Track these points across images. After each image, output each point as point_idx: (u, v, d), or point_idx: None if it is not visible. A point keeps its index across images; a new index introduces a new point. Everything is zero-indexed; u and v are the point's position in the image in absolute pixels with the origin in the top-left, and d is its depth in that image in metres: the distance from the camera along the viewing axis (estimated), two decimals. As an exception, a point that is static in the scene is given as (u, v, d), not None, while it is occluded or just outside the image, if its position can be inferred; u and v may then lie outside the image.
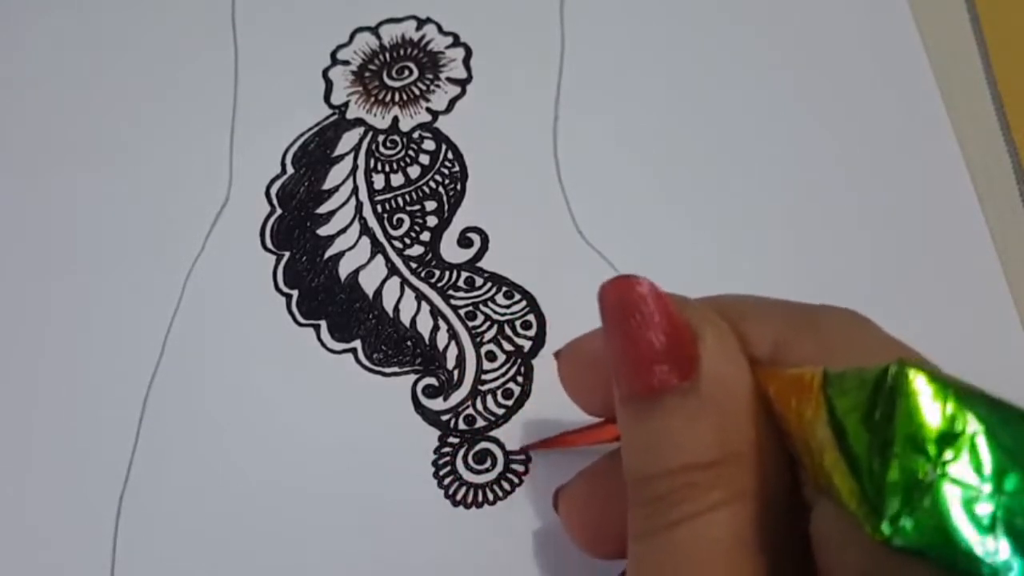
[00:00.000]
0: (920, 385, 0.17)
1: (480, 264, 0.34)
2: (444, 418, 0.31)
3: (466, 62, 0.38)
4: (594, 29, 0.39)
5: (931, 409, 0.16)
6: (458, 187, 0.35)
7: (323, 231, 0.35)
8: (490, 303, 0.33)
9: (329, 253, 0.35)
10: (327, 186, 0.36)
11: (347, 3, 0.39)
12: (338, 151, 0.37)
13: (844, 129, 0.36)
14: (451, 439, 0.31)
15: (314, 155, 0.36)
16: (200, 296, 0.34)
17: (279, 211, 0.36)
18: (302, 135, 0.37)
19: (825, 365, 0.19)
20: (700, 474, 0.20)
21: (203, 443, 0.32)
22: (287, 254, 0.35)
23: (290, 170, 0.36)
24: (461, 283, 0.34)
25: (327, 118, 0.37)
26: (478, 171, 0.36)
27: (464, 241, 0.34)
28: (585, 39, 0.38)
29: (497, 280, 0.34)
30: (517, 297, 0.33)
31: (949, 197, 0.34)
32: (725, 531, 0.19)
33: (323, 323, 0.33)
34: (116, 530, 0.30)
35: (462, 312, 0.33)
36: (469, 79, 0.38)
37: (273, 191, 0.36)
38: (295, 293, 0.34)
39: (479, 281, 0.34)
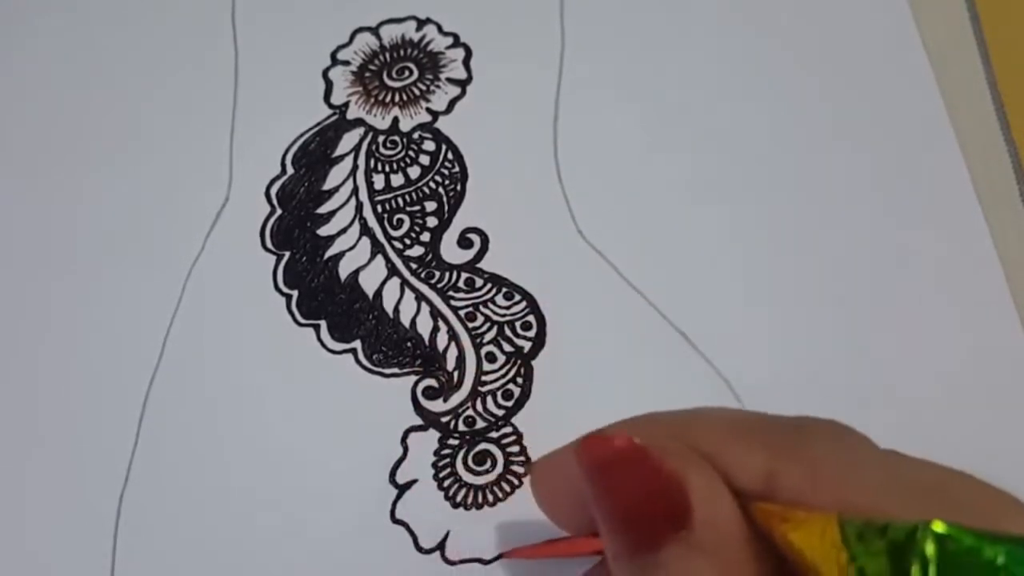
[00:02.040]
0: (952, 547, 0.16)
1: (480, 265, 0.34)
2: (444, 420, 0.31)
3: (466, 62, 0.38)
4: (594, 29, 0.38)
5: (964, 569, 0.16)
6: (458, 187, 0.35)
7: (323, 231, 0.35)
8: (490, 304, 0.33)
9: (329, 253, 0.35)
10: (327, 186, 0.36)
11: (347, 3, 0.39)
12: (338, 151, 0.37)
13: (844, 129, 0.36)
14: (451, 440, 0.31)
15: (314, 155, 0.36)
16: (200, 296, 0.34)
17: (279, 211, 0.36)
18: (302, 135, 0.37)
19: (820, 494, 0.19)
20: None
21: (203, 443, 0.32)
22: (287, 254, 0.35)
23: (290, 170, 0.36)
24: (461, 284, 0.34)
25: (327, 118, 0.37)
26: (478, 171, 0.36)
27: (464, 242, 0.34)
28: (585, 39, 0.38)
29: (497, 281, 0.34)
30: (517, 298, 0.33)
31: (949, 197, 0.34)
32: None
33: (323, 323, 0.33)
34: (116, 530, 0.30)
35: (462, 313, 0.33)
36: (469, 79, 0.38)
37: (273, 191, 0.36)
38: (295, 293, 0.34)
39: (479, 282, 0.34)
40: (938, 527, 0.16)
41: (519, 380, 0.32)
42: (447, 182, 0.36)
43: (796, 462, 0.20)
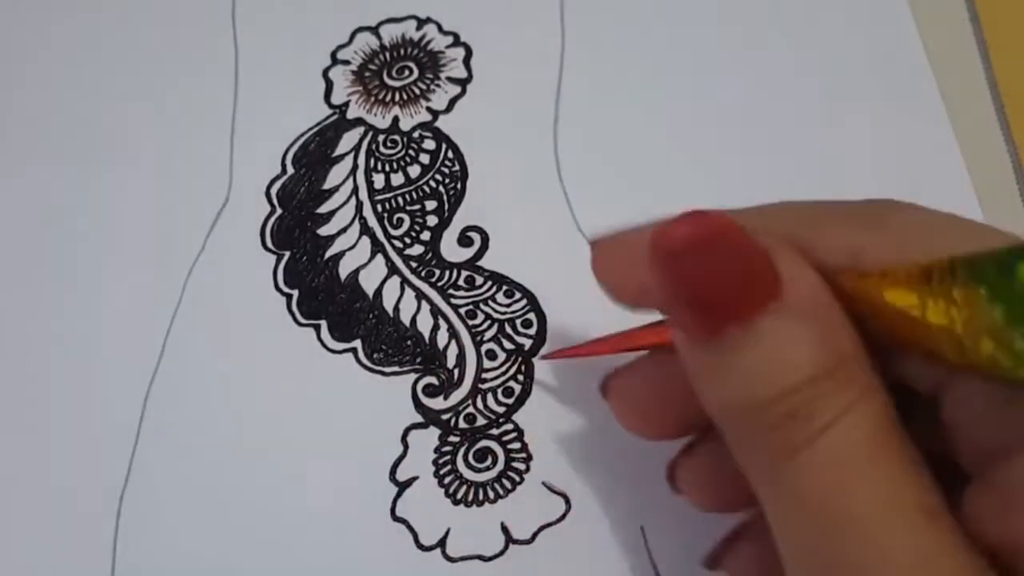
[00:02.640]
0: None
1: (480, 263, 0.34)
2: (444, 417, 0.31)
3: (466, 62, 0.38)
4: (594, 29, 0.38)
5: None
6: (458, 186, 0.35)
7: (323, 231, 0.35)
8: (490, 302, 0.33)
9: (329, 253, 0.35)
10: (327, 186, 0.36)
11: (347, 3, 0.39)
12: (338, 151, 0.37)
13: (844, 129, 0.36)
14: (451, 438, 0.31)
15: (314, 155, 0.36)
16: (200, 296, 0.34)
17: (279, 211, 0.36)
18: (302, 135, 0.37)
19: (907, 262, 0.19)
20: (823, 383, 0.19)
21: (203, 443, 0.32)
22: (287, 254, 0.35)
23: (290, 170, 0.36)
24: (461, 282, 0.34)
25: (327, 118, 0.37)
26: (478, 170, 0.36)
27: (464, 240, 0.34)
28: (585, 39, 0.38)
29: (497, 279, 0.34)
30: (517, 296, 0.33)
31: (949, 197, 0.34)
32: (869, 428, 0.19)
33: (323, 323, 0.33)
34: (116, 530, 0.30)
35: (462, 311, 0.33)
36: (469, 79, 0.38)
37: (273, 191, 0.36)
38: (295, 293, 0.34)
39: (479, 280, 0.34)
40: None
41: (520, 377, 0.32)
42: (447, 181, 0.36)
43: (882, 235, 0.20)
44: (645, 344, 0.26)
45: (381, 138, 0.37)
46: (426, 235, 0.35)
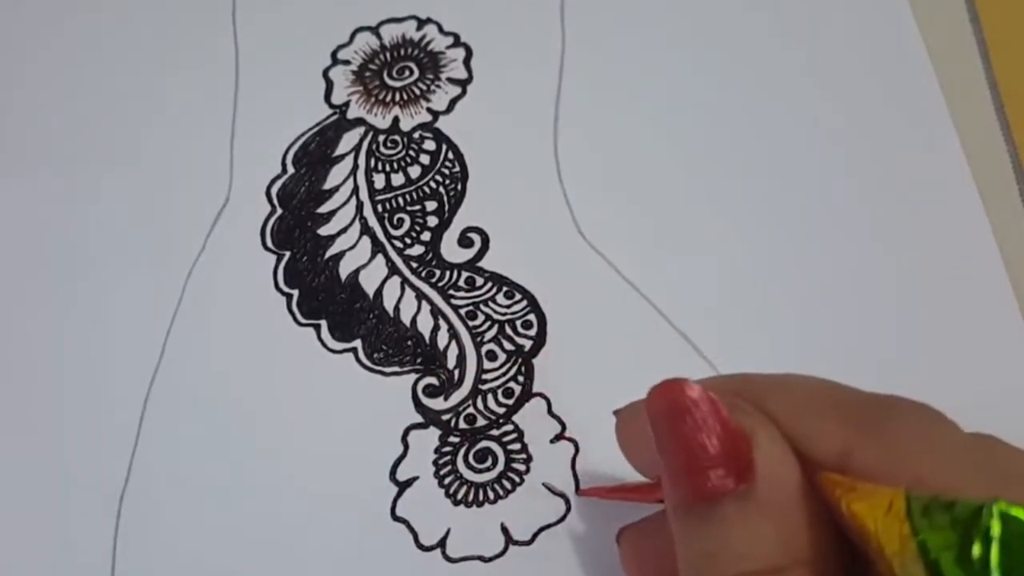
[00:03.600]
0: (1018, 528, 0.16)
1: (480, 264, 0.34)
2: (445, 417, 0.31)
3: (466, 62, 0.38)
4: (594, 29, 0.38)
5: None
6: (458, 187, 0.35)
7: (323, 231, 0.35)
8: (491, 303, 0.33)
9: (329, 253, 0.35)
10: (327, 186, 0.36)
11: (347, 3, 0.39)
12: (338, 151, 0.37)
13: (845, 129, 0.36)
14: (452, 438, 0.31)
15: (314, 155, 0.36)
16: (200, 296, 0.34)
17: (279, 211, 0.36)
18: (302, 135, 0.37)
19: (895, 473, 0.19)
20: None
21: (203, 443, 0.32)
22: (287, 254, 0.35)
23: (290, 170, 0.36)
24: (462, 283, 0.34)
25: (327, 118, 0.37)
26: (478, 171, 0.36)
27: (464, 241, 0.34)
28: (585, 39, 0.38)
29: (498, 280, 0.34)
30: (518, 297, 0.33)
31: (950, 197, 0.34)
32: None
33: (323, 323, 0.33)
34: (116, 530, 0.30)
35: (463, 312, 0.33)
36: (469, 79, 0.38)
37: (273, 191, 0.36)
38: (295, 293, 0.34)
39: (479, 281, 0.34)
40: (1004, 507, 0.16)
41: (520, 378, 0.32)
42: (447, 181, 0.36)
43: (874, 440, 0.20)
44: (656, 499, 0.26)
45: (381, 138, 0.37)
46: (426, 235, 0.35)
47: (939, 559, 0.17)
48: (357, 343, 0.33)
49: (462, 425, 0.31)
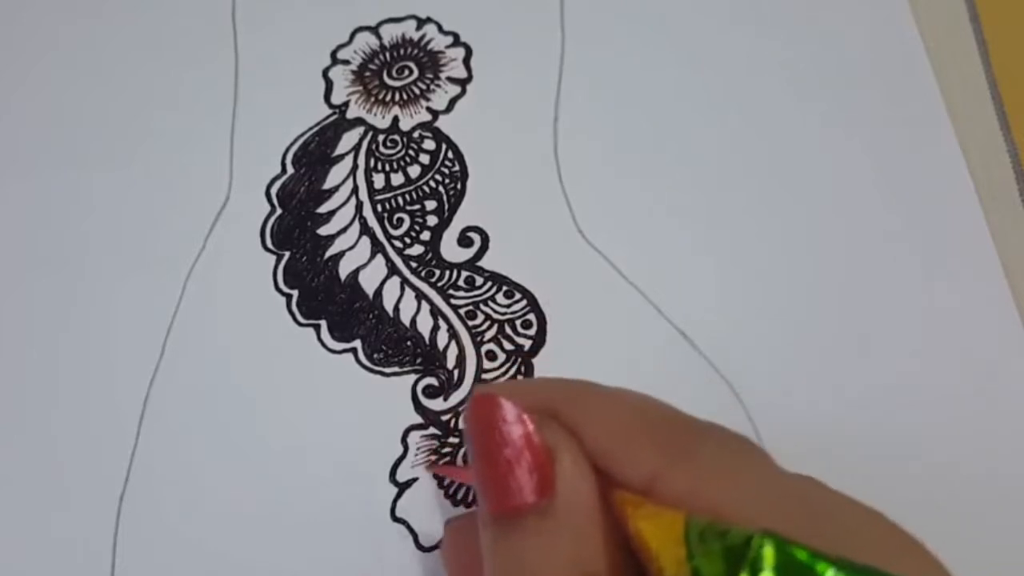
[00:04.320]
0: (780, 562, 0.17)
1: (480, 263, 0.34)
2: (444, 418, 0.31)
3: (466, 62, 0.38)
4: (594, 29, 0.38)
5: None
6: (458, 187, 0.35)
7: (323, 231, 0.35)
8: (490, 302, 0.33)
9: (329, 253, 0.35)
10: (327, 186, 0.36)
11: (347, 3, 0.39)
12: (338, 151, 0.37)
13: (844, 129, 0.36)
14: (451, 439, 0.31)
15: (314, 155, 0.36)
16: (200, 296, 0.34)
17: (279, 211, 0.36)
18: (302, 135, 0.37)
19: (693, 503, 0.19)
20: None
21: (203, 443, 0.32)
22: (287, 254, 0.35)
23: (290, 170, 0.36)
24: (461, 282, 0.34)
25: (327, 118, 0.37)
26: (478, 171, 0.36)
27: (464, 240, 0.34)
28: (585, 39, 0.38)
29: (497, 279, 0.34)
30: (517, 296, 0.33)
31: (949, 197, 0.35)
32: None
33: (323, 323, 0.33)
34: (116, 530, 0.30)
35: (462, 311, 0.33)
36: (469, 79, 0.38)
37: (273, 191, 0.36)
38: (295, 293, 0.34)
39: (479, 280, 0.34)
40: (771, 539, 0.17)
41: (519, 378, 0.32)
42: (447, 181, 0.36)
43: (681, 469, 0.21)
44: None
45: (381, 138, 0.37)
46: (426, 235, 0.35)
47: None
48: (357, 343, 0.33)
49: (462, 425, 0.31)
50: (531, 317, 0.33)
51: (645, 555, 0.20)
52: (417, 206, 0.35)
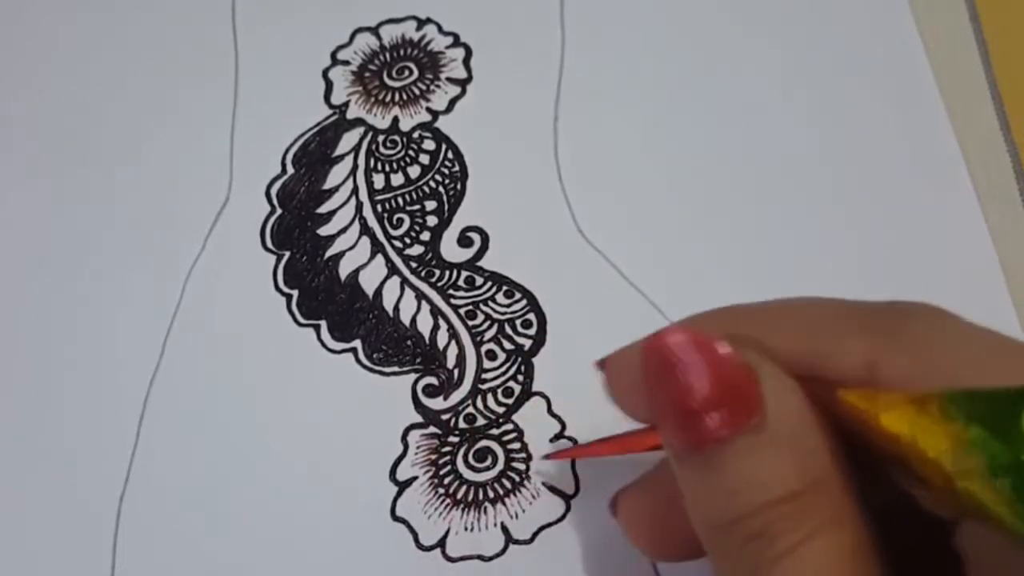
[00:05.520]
0: None
1: (480, 263, 0.34)
2: (444, 417, 0.31)
3: (466, 62, 0.38)
4: (594, 29, 0.39)
5: None
6: (458, 187, 0.35)
7: (323, 231, 0.35)
8: (490, 302, 0.33)
9: (329, 253, 0.35)
10: (327, 186, 0.36)
11: (347, 3, 0.39)
12: (338, 151, 0.37)
13: (844, 129, 0.36)
14: (451, 438, 0.31)
15: (314, 155, 0.36)
16: (200, 296, 0.34)
17: (279, 211, 0.36)
18: (302, 135, 0.37)
19: (924, 380, 0.19)
20: (790, 506, 0.19)
21: (203, 443, 0.32)
22: (287, 254, 0.35)
23: (290, 170, 0.36)
24: (461, 282, 0.34)
25: (327, 118, 0.37)
26: (478, 171, 0.36)
27: (464, 240, 0.34)
28: (585, 39, 0.38)
29: (497, 279, 0.34)
30: (517, 296, 0.33)
31: (949, 197, 0.34)
32: (831, 555, 0.19)
33: (323, 323, 0.33)
34: (116, 530, 0.30)
35: (462, 311, 0.33)
36: (469, 79, 0.38)
37: (273, 191, 0.36)
38: (295, 293, 0.34)
39: (479, 280, 0.34)
40: None
41: (520, 378, 0.32)
42: (447, 181, 0.36)
43: (899, 348, 0.20)
44: (646, 446, 0.26)
45: (381, 138, 0.37)
46: (426, 235, 0.35)
47: (993, 448, 0.17)
48: (357, 343, 0.33)
49: (462, 425, 0.31)
50: (531, 317, 0.33)
51: (898, 446, 0.19)
52: (417, 206, 0.35)
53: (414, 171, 0.36)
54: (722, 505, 0.20)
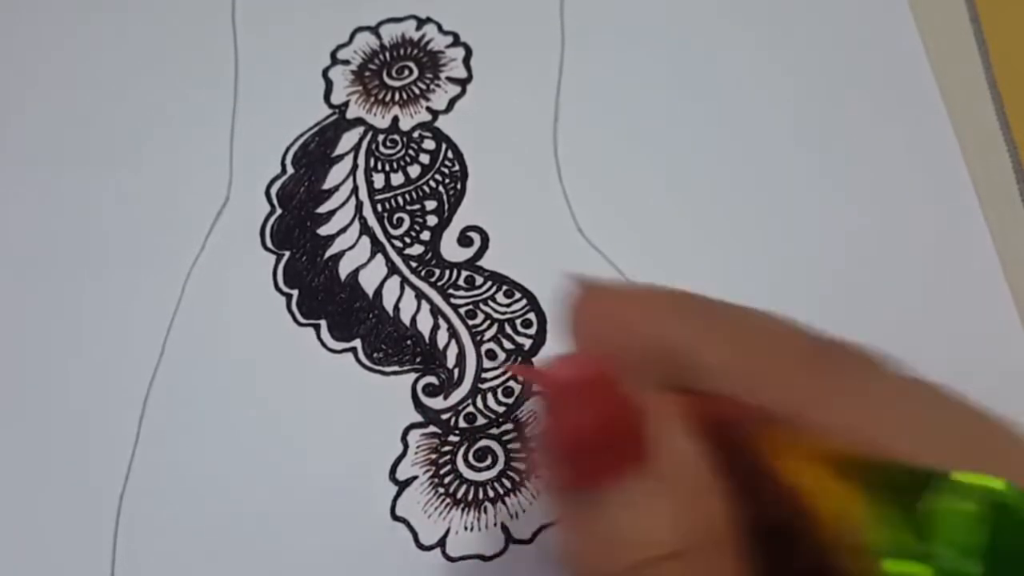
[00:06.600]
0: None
1: (480, 263, 0.34)
2: (444, 417, 0.31)
3: (466, 62, 0.38)
4: (594, 29, 0.39)
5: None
6: (458, 186, 0.35)
7: (323, 231, 0.35)
8: (490, 302, 0.33)
9: (329, 253, 0.35)
10: (327, 186, 0.36)
11: (347, 3, 0.39)
12: (338, 151, 0.37)
13: (844, 129, 0.36)
14: (451, 437, 0.31)
15: (314, 155, 0.37)
16: (200, 296, 0.34)
17: (279, 211, 0.36)
18: (302, 135, 0.37)
19: (848, 435, 0.18)
20: (666, 567, 0.18)
21: (203, 443, 0.32)
22: (287, 254, 0.35)
23: (290, 170, 0.36)
24: (461, 282, 0.34)
25: (327, 118, 0.37)
26: (478, 170, 0.36)
27: (464, 240, 0.34)
28: (585, 39, 0.38)
29: (497, 279, 0.34)
30: (517, 296, 0.33)
31: (949, 197, 0.34)
32: None
33: (323, 323, 0.33)
34: (116, 530, 0.30)
35: (462, 311, 0.33)
36: (469, 79, 0.38)
37: (273, 191, 0.36)
38: (295, 293, 0.34)
39: (479, 280, 0.34)
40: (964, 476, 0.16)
41: (520, 377, 0.32)
42: (447, 181, 0.36)
43: (832, 391, 0.19)
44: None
45: (381, 138, 0.37)
46: (426, 235, 0.35)
47: (880, 516, 0.17)
48: (357, 343, 0.33)
49: (462, 424, 0.31)
50: (531, 316, 0.33)
51: (797, 495, 0.18)
52: (417, 206, 0.35)
53: (414, 171, 0.36)
54: (593, 557, 0.18)
